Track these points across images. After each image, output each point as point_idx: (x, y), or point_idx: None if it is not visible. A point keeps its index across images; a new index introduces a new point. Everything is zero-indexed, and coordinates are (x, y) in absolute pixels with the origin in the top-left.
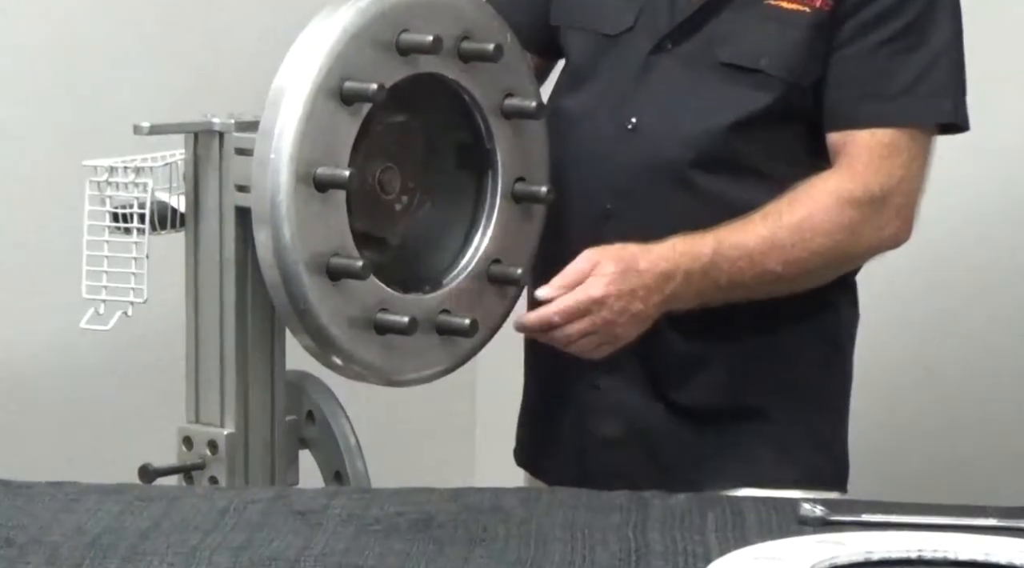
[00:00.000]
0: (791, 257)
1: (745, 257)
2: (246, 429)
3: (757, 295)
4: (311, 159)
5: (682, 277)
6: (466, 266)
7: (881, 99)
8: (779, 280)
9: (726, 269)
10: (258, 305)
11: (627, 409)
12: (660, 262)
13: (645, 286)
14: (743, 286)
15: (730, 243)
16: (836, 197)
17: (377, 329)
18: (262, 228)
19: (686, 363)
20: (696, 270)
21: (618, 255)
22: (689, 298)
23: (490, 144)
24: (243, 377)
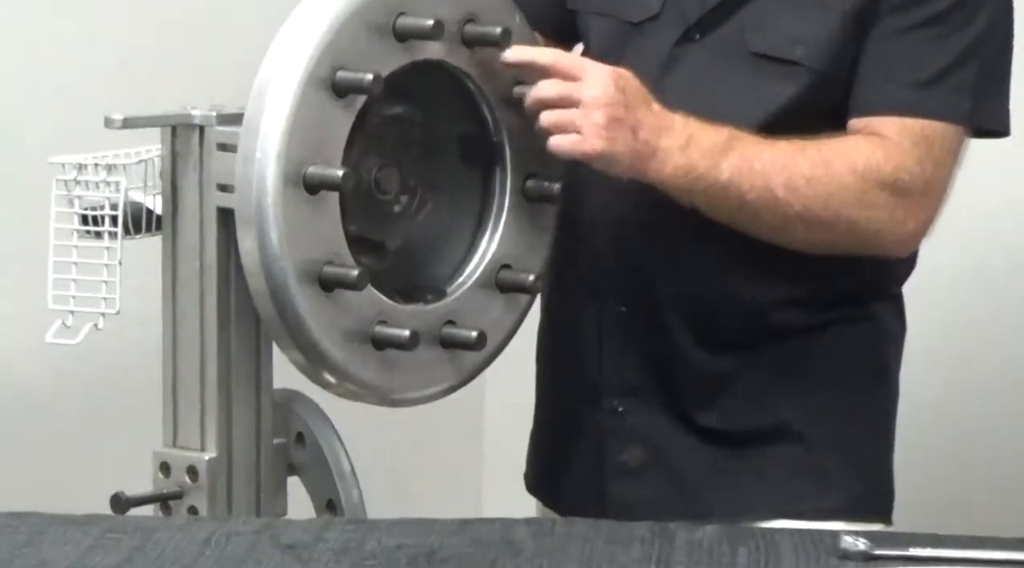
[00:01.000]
0: (800, 188)
1: (755, 162)
2: (229, 453)
3: (747, 220)
4: (300, 157)
5: (684, 140)
6: (472, 273)
7: (908, 85)
8: (775, 208)
9: (733, 161)
10: (243, 317)
11: (649, 433)
12: (668, 115)
13: (648, 116)
14: (739, 195)
15: (748, 142)
16: (866, 162)
17: (375, 343)
18: (247, 232)
19: (713, 382)
20: (703, 142)
21: (630, 81)
22: (681, 168)
23: (498, 137)
24: (226, 396)
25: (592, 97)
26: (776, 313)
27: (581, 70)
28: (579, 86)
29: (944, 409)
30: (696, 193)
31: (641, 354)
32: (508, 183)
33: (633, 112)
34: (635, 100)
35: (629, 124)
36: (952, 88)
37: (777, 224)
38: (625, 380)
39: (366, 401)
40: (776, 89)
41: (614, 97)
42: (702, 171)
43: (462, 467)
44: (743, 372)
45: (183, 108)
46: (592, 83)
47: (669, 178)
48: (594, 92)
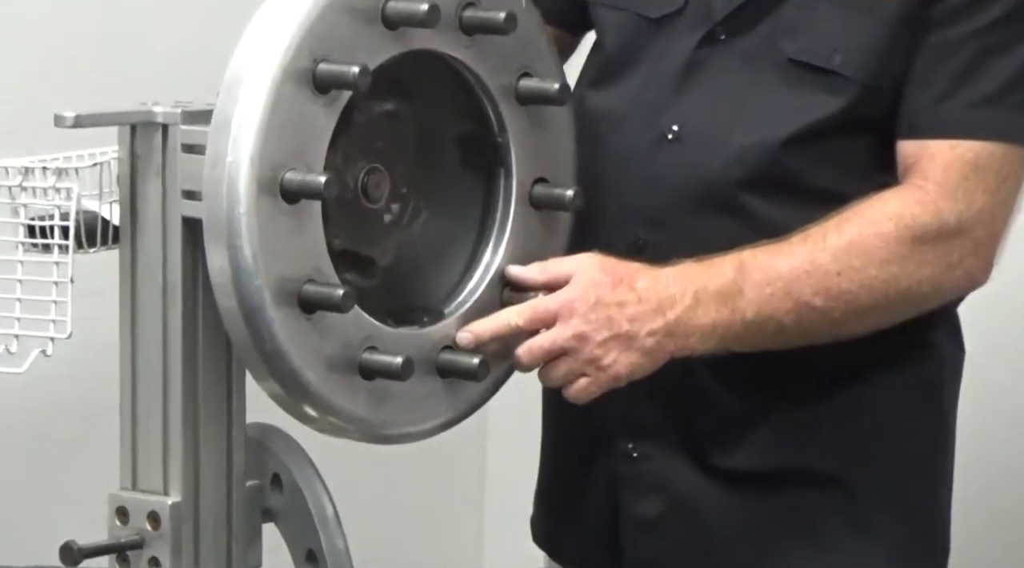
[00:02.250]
0: (834, 289)
1: (775, 282)
2: (196, 497)
3: (796, 339)
4: (277, 161)
5: (691, 300)
6: (474, 291)
7: (963, 104)
8: (820, 320)
9: (751, 296)
10: (212, 342)
11: (667, 480)
12: (664, 280)
13: (639, 304)
14: (775, 322)
15: (757, 264)
16: (897, 222)
17: (362, 372)
18: (217, 246)
19: (739, 422)
20: (711, 292)
21: (614, 265)
22: (706, 331)
23: (502, 137)
24: (192, 432)
25: (573, 335)
26: (815, 352)
27: (547, 311)
28: (556, 331)
29: (1011, 443)
30: (731, 342)
31: (658, 393)
32: (513, 189)
33: (621, 314)
34: (614, 297)
35: (625, 333)
36: (1015, 105)
37: (828, 331)
38: (640, 420)
39: (353, 437)
40: (811, 101)
41: (592, 316)
42: (725, 323)
43: (461, 512)
44: (774, 410)
45: (144, 105)
46: (564, 318)
47: (697, 348)
48: (572, 328)
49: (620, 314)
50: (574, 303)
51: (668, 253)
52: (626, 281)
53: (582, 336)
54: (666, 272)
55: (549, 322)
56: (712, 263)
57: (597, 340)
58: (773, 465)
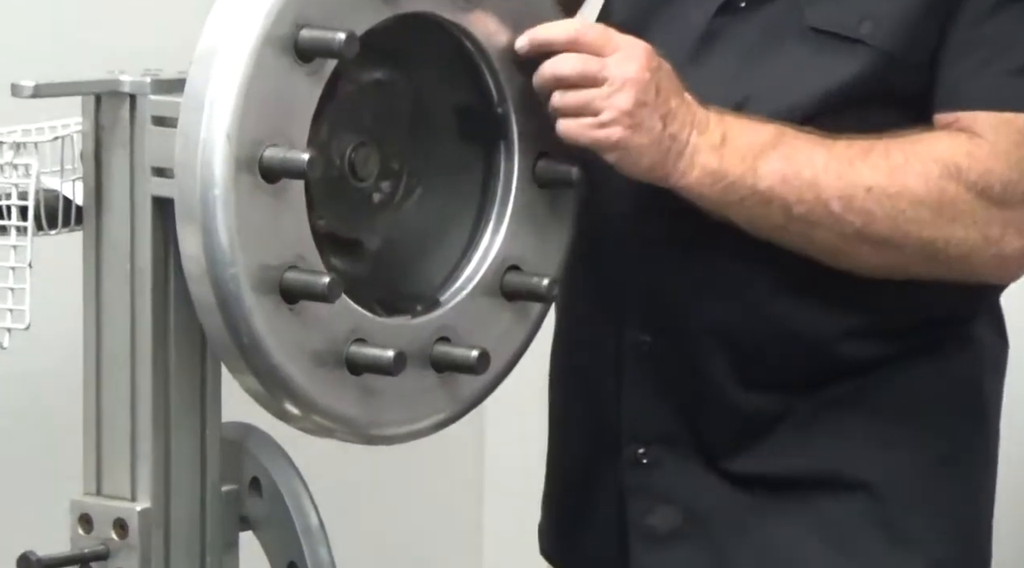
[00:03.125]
0: (858, 202)
1: (805, 168)
2: (167, 504)
3: (794, 238)
4: (256, 136)
5: (718, 137)
6: (472, 277)
7: (1006, 74)
8: (830, 227)
9: (776, 167)
10: (184, 335)
11: (681, 490)
12: (704, 109)
13: (682, 105)
14: (784, 206)
15: (796, 143)
16: (943, 167)
17: (350, 367)
18: (190, 229)
19: (760, 424)
20: (739, 142)
21: (670, 69)
22: (712, 173)
23: (502, 107)
24: (163, 432)
25: (621, 75)
26: (843, 346)
27: (609, 43)
28: (606, 63)
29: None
30: (730, 205)
31: (669, 393)
32: (515, 165)
33: (665, 99)
34: (668, 85)
35: (659, 112)
36: None
37: (834, 246)
38: (650, 425)
39: (339, 438)
40: (834, 72)
41: (646, 78)
42: (735, 178)
43: (459, 520)
44: (797, 407)
45: (110, 73)
46: (622, 59)
47: (695, 185)
48: (624, 70)
49: (667, 101)
50: (640, 57)
51: (682, 244)
52: (679, 84)
53: (629, 83)
54: (711, 107)
55: (607, 50)
56: (752, 121)
57: (637, 99)
58: (798, 470)
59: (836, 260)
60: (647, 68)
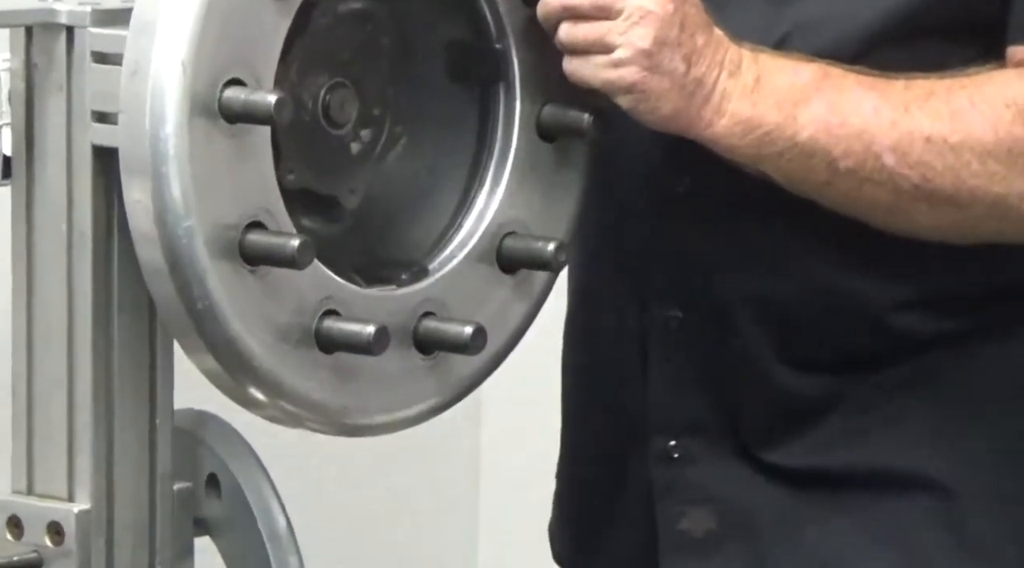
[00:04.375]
0: (915, 154)
1: (852, 115)
2: (109, 505)
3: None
4: (216, 70)
5: (752, 80)
6: (465, 242)
7: None
8: (882, 182)
9: (818, 114)
10: (130, 305)
11: (717, 488)
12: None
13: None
14: (828, 159)
15: (842, 85)
16: (1016, 112)
17: (322, 344)
18: (137, 180)
19: (809, 412)
20: (775, 85)
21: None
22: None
23: (501, 43)
24: (105, 422)
25: (640, 7)
26: (898, 318)
27: None
28: None
29: None
30: (765, 159)
31: (702, 376)
32: (516, 112)
33: (690, 35)
34: (695, 19)
35: (683, 51)
36: None
37: (887, 204)
38: (681, 413)
39: (310, 428)
40: None
41: (668, 11)
42: (771, 127)
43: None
44: (851, 393)
45: (43, 1)
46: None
47: (724, 135)
48: (644, 1)
49: (692, 38)
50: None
51: (715, 204)
52: (708, 20)
53: (647, 15)
54: (744, 44)
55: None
56: (792, 60)
57: (657, 36)
58: (852, 465)
59: (888, 221)
60: (671, 1)
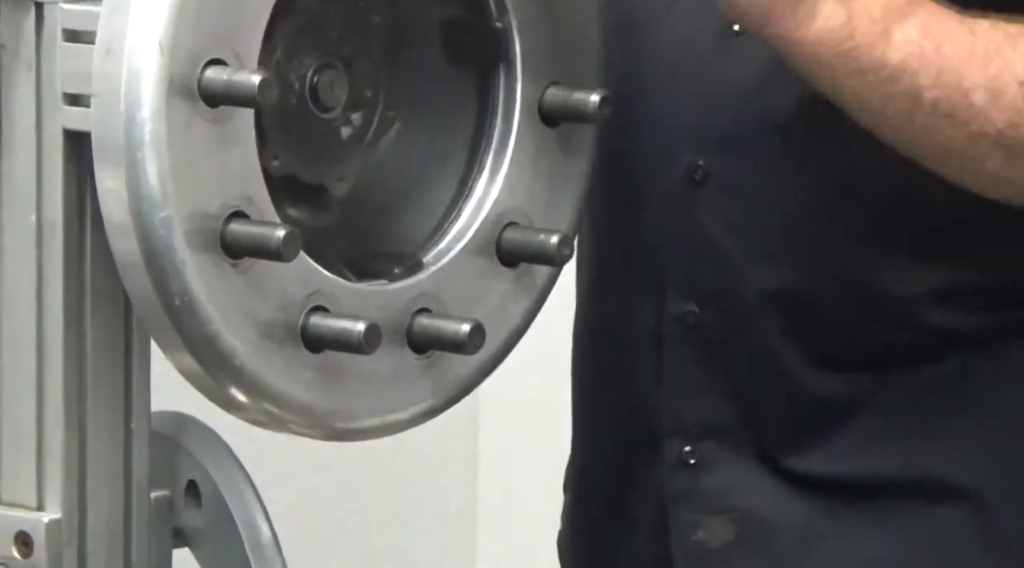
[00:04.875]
0: (1007, 98)
1: (946, 42)
2: (81, 514)
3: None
4: (196, 49)
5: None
6: (463, 233)
7: None
8: (966, 120)
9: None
10: (104, 302)
11: (737, 497)
12: None
13: None
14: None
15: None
16: None
17: (309, 342)
18: (111, 166)
19: (837, 415)
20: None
21: None
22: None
23: (502, 21)
24: (78, 425)
25: None
26: (933, 314)
27: None
28: None
29: None
30: (846, 78)
31: (721, 376)
32: (518, 95)
33: None
34: None
35: None
36: None
37: (959, 147)
38: (697, 416)
39: (295, 432)
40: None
41: None
42: (862, 42)
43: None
44: (883, 395)
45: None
46: None
47: (813, 41)
48: None
49: None
50: None
51: (733, 184)
52: None
53: None
54: None
55: None
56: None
57: None
58: (883, 472)
59: (950, 165)
60: None
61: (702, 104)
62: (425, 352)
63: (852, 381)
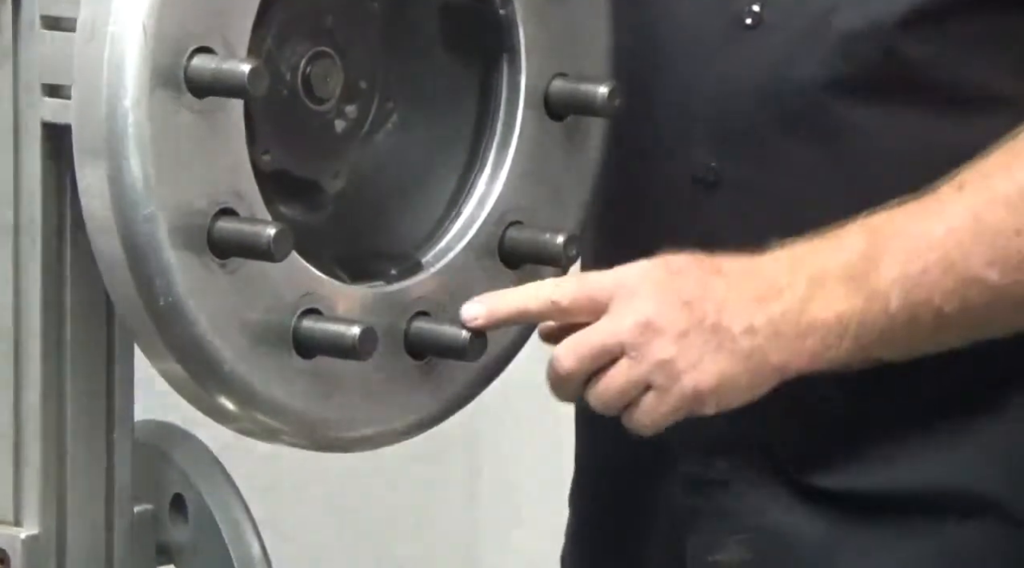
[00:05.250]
0: (1015, 255)
1: (927, 253)
2: (61, 529)
3: (962, 334)
4: (182, 36)
5: (805, 286)
6: (463, 233)
7: None
8: (996, 301)
9: (894, 275)
10: (84, 303)
11: (755, 516)
12: (762, 265)
13: (730, 291)
14: (932, 311)
15: (897, 230)
16: None
17: (300, 347)
18: (92, 160)
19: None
20: (834, 275)
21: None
22: (832, 329)
23: (505, 9)
24: (56, 436)
25: (636, 324)
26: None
27: (601, 288)
28: (611, 319)
29: None
30: (871, 346)
31: None
32: (521, 86)
33: (706, 300)
34: (695, 280)
35: (712, 324)
36: None
37: (1009, 317)
38: (712, 430)
39: (287, 442)
40: None
41: (664, 299)
42: (860, 315)
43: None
44: (900, 408)
45: None
46: (622, 300)
47: (821, 357)
48: (634, 315)
49: (704, 301)
50: (637, 282)
51: (748, 188)
52: (708, 263)
53: (649, 326)
54: (763, 257)
55: (600, 306)
56: (829, 237)
57: (671, 332)
58: (912, 487)
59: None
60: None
61: (714, 97)
62: (423, 358)
63: (872, 391)
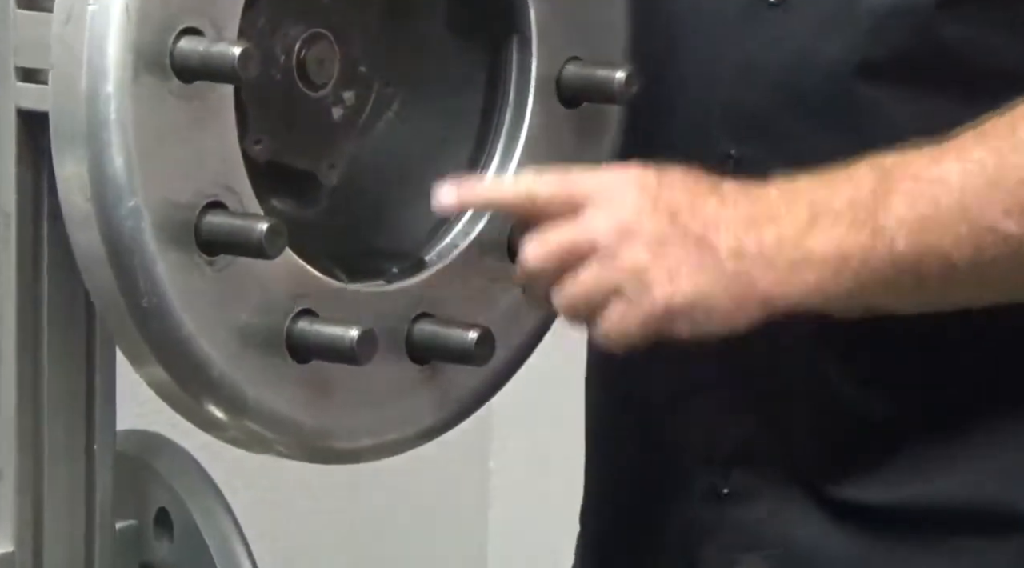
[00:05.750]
0: None
1: (941, 196)
2: (37, 548)
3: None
4: (167, 18)
5: (805, 214)
6: (469, 229)
7: None
8: (1012, 255)
9: (903, 213)
10: (63, 306)
11: (776, 532)
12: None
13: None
14: (940, 258)
15: (910, 171)
16: None
17: (295, 351)
18: (71, 149)
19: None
20: (837, 206)
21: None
22: (830, 263)
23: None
24: (33, 446)
25: (612, 225)
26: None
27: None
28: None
29: None
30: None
31: (753, 396)
32: (532, 71)
33: (693, 213)
34: (683, 194)
35: (696, 236)
36: None
37: None
38: (729, 441)
39: (280, 453)
40: None
41: (645, 205)
42: (862, 251)
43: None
44: (931, 415)
45: None
46: (600, 202)
47: (814, 290)
48: (612, 216)
49: (691, 213)
50: (622, 185)
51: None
52: (705, 181)
53: (625, 229)
54: (765, 185)
55: (578, 207)
56: (837, 172)
57: (648, 238)
58: (940, 500)
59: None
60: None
61: (734, 82)
62: (426, 363)
63: (899, 398)
